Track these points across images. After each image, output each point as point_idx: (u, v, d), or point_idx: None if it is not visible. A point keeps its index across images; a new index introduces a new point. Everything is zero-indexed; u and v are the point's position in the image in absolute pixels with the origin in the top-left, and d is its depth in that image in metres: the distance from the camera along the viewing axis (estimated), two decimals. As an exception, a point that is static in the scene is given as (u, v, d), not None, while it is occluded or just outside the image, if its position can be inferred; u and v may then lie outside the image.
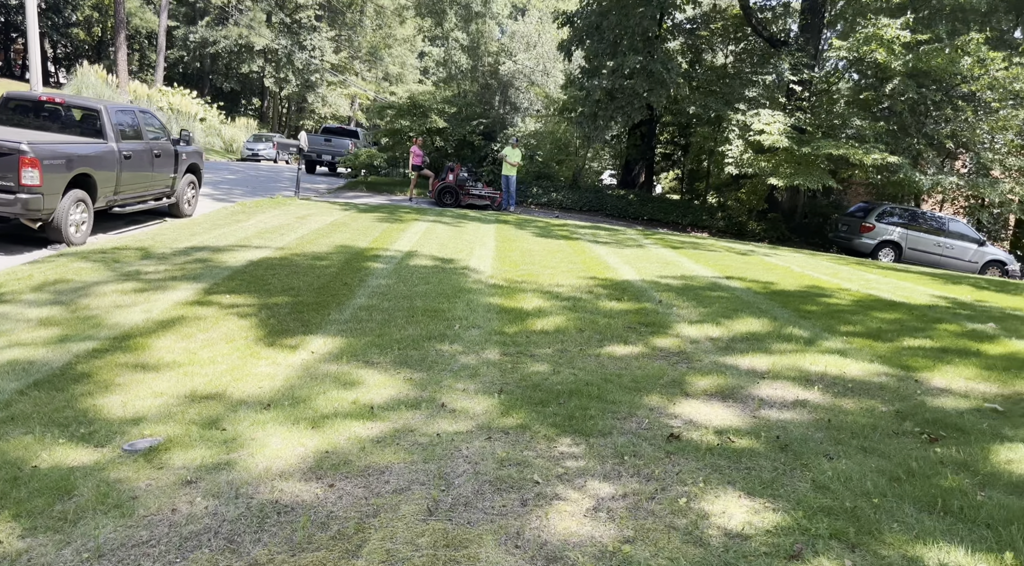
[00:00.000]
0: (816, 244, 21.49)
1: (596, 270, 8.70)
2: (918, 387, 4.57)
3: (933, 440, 3.64)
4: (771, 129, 17.98)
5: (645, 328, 5.81)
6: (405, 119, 20.36)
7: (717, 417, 3.88)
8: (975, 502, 2.92)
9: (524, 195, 21.65)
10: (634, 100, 17.69)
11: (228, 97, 53.94)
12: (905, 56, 18.24)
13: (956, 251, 18.81)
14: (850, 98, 20.52)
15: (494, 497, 2.85)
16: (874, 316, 6.78)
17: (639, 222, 21.39)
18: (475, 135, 20.95)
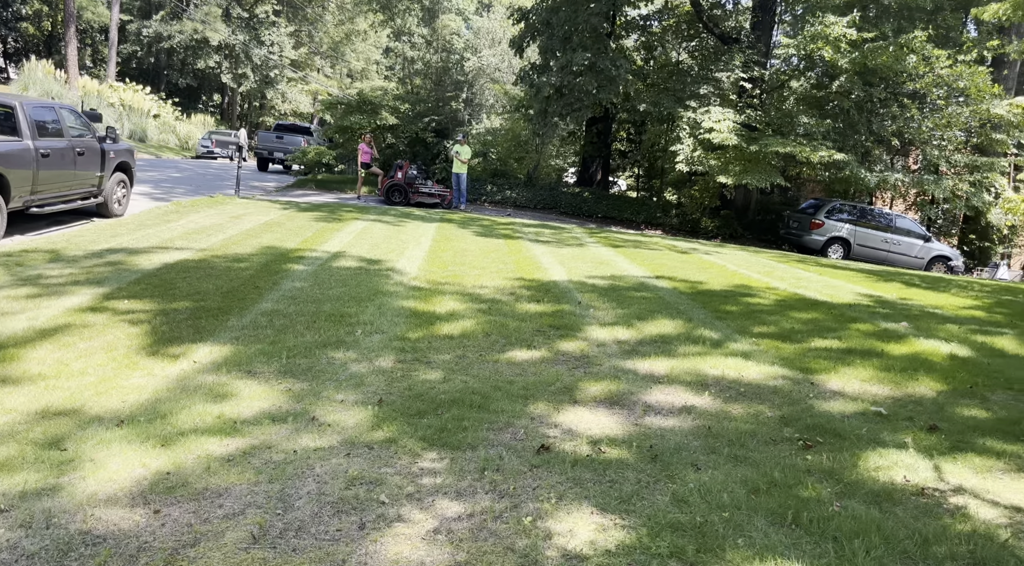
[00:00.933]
0: (768, 241, 21.71)
1: (526, 271, 8.59)
2: (812, 390, 4.55)
3: (808, 447, 3.59)
4: (720, 127, 18.07)
5: (555, 331, 5.71)
6: (355, 116, 20.04)
7: (598, 425, 3.79)
8: (828, 514, 2.86)
9: (478, 193, 21.50)
10: (583, 97, 17.63)
11: (185, 93, 52.78)
12: (851, 54, 18.48)
13: (903, 247, 19.14)
14: (800, 96, 20.75)
15: (332, 520, 2.71)
16: (791, 316, 6.79)
17: (593, 220, 21.38)
18: (427, 132, 20.73)
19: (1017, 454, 3.61)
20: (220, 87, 55.46)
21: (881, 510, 2.96)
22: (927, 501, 3.07)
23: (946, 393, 4.59)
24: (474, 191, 21.50)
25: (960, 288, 10.50)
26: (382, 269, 8.03)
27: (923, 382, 4.78)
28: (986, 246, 23.63)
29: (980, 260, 23.51)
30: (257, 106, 59.90)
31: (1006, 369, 5.21)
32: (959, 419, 4.10)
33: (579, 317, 6.25)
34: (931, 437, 3.78)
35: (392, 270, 8.01)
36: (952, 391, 4.63)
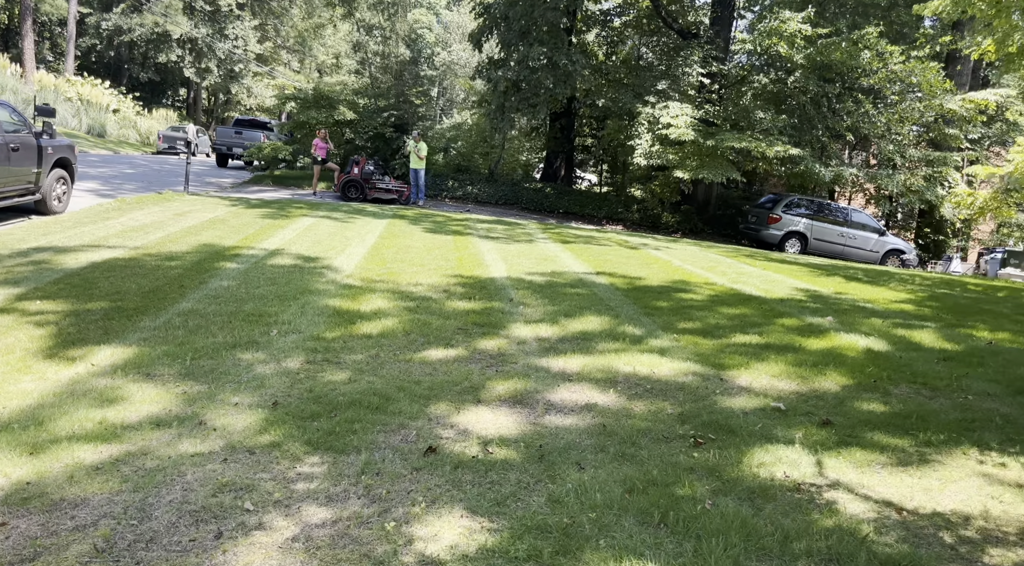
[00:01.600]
0: (729, 236, 21.90)
1: (467, 267, 8.54)
2: (719, 386, 4.57)
3: (698, 444, 3.60)
4: (678, 122, 18.17)
5: (478, 329, 5.68)
6: (312, 111, 19.79)
7: (495, 426, 3.76)
8: (697, 512, 2.87)
9: (439, 189, 21.38)
10: (540, 92, 17.59)
11: (148, 88, 51.76)
12: (806, 50, 18.68)
13: (859, 241, 19.41)
14: (758, 91, 20.94)
15: (188, 530, 2.65)
16: (719, 312, 6.83)
17: (555, 216, 21.39)
18: (387, 127, 20.54)
19: (902, 448, 3.66)
20: (185, 82, 54.46)
21: (753, 507, 2.97)
22: (801, 497, 3.09)
23: (850, 388, 4.64)
24: (435, 187, 21.38)
25: (900, 282, 10.68)
26: (317, 267, 7.92)
27: (831, 377, 4.83)
28: (940, 239, 24.09)
29: (935, 253, 23.98)
30: (223, 101, 58.91)
31: (916, 363, 5.29)
32: (855, 413, 4.15)
33: (507, 314, 6.22)
34: (822, 432, 3.82)
35: (328, 268, 7.91)
36: (857, 385, 4.69)
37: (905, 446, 3.69)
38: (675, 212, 22.04)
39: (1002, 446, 3.75)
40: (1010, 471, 3.44)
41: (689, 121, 18.30)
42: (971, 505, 3.07)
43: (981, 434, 3.90)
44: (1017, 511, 3.03)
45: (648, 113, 18.84)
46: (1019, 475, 3.39)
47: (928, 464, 3.48)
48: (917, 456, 3.56)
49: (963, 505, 3.07)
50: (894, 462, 3.48)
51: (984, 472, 3.41)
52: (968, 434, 3.88)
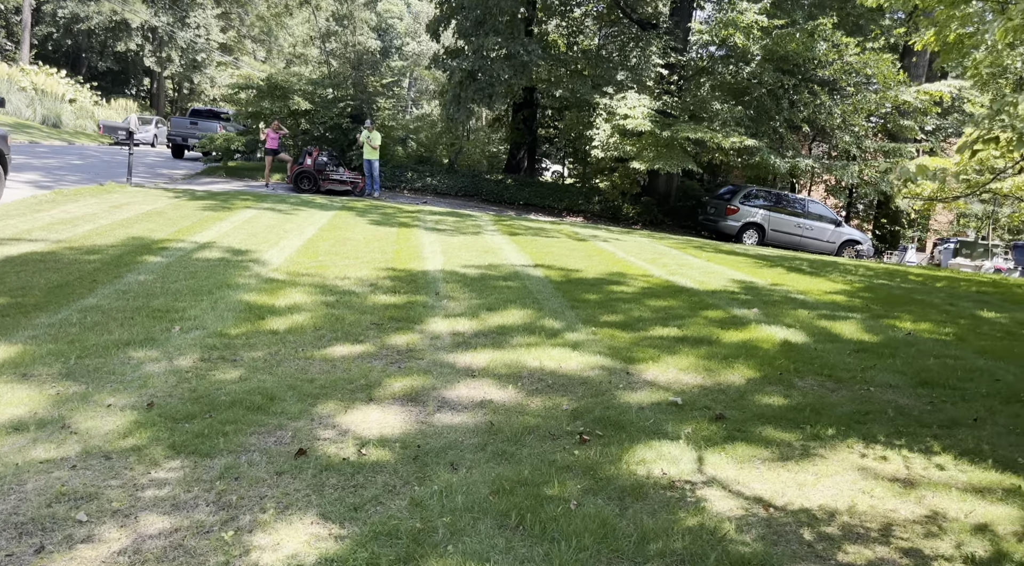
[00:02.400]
0: (688, 227, 21.97)
1: (403, 260, 8.40)
2: (624, 381, 4.50)
3: (584, 441, 3.52)
4: (635, 113, 18.13)
5: (394, 324, 5.55)
6: (265, 101, 19.40)
7: (380, 425, 3.64)
8: (559, 514, 2.78)
9: (397, 180, 21.14)
10: (495, 83, 17.43)
11: (109, 77, 50.50)
12: (763, 41, 18.74)
13: (815, 232, 19.58)
14: (716, 83, 20.97)
15: (8, 544, 2.49)
16: (647, 304, 6.78)
17: (515, 207, 21.27)
18: (343, 117, 20.21)
19: (788, 442, 3.62)
20: (148, 71, 53.23)
21: (620, 507, 2.90)
22: (673, 495, 3.03)
23: (756, 381, 4.61)
24: (393, 178, 21.14)
25: (843, 273, 10.75)
26: (245, 260, 7.72)
27: (738, 370, 4.79)
28: (897, 230, 24.44)
29: (891, 244, 24.34)
30: (187, 91, 57.71)
31: (828, 355, 5.28)
32: (752, 407, 4.10)
33: (429, 308, 6.10)
34: (712, 427, 3.76)
35: (256, 261, 7.72)
36: (763, 378, 4.66)
37: (792, 440, 3.65)
38: (635, 204, 22.04)
39: (888, 439, 3.73)
40: (889, 464, 3.41)
41: (646, 112, 18.27)
42: (840, 500, 3.03)
43: (871, 427, 3.88)
44: (884, 506, 3.00)
45: (606, 104, 18.78)
46: (897, 468, 3.37)
47: (809, 459, 3.44)
48: (801, 450, 3.53)
49: (833, 500, 3.03)
50: (776, 457, 3.44)
51: (863, 466, 3.38)
52: (858, 427, 3.86)
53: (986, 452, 3.59)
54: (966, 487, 3.20)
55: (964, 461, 3.48)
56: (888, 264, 14.80)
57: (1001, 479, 3.28)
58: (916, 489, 3.16)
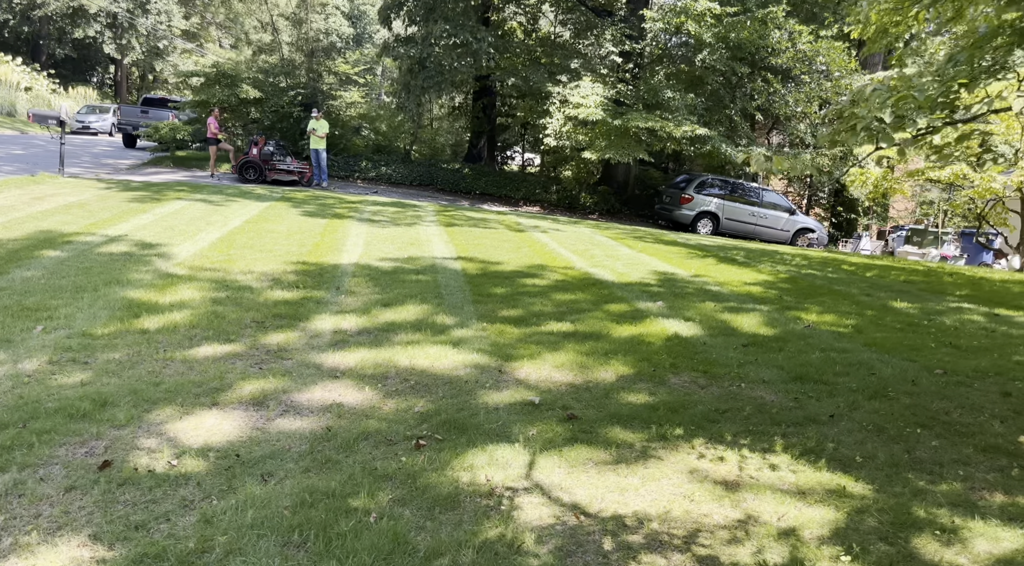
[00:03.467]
0: (646, 216, 21.94)
1: (319, 254, 8.21)
2: (492, 379, 4.39)
3: (419, 446, 3.41)
4: (587, 102, 17.99)
5: (277, 321, 5.39)
6: (213, 89, 18.96)
7: (210, 432, 3.49)
8: (351, 529, 2.66)
9: (351, 170, 20.82)
10: (445, 72, 17.18)
11: (70, 65, 49.27)
12: (715, 28, 18.66)
13: (769, 220, 19.64)
14: (671, 71, 20.89)
15: None
16: (554, 298, 6.68)
17: (470, 197, 21.08)
18: (294, 106, 19.84)
19: (630, 443, 3.54)
20: (111, 59, 51.96)
21: (425, 518, 2.79)
22: (488, 503, 2.93)
23: (628, 378, 4.53)
24: (347, 168, 20.82)
25: (777, 262, 10.75)
26: (151, 254, 7.49)
27: (615, 366, 4.71)
28: (852, 218, 24.63)
29: (847, 231, 24.54)
30: (150, 79, 56.49)
31: (714, 349, 5.22)
32: (612, 406, 4.02)
33: (322, 305, 5.95)
34: (559, 428, 3.67)
35: (162, 255, 7.49)
36: (636, 375, 4.57)
37: (636, 441, 3.57)
38: (593, 193, 21.95)
39: (735, 438, 3.66)
40: (724, 466, 3.34)
41: (599, 101, 18.14)
42: (658, 506, 2.95)
43: (723, 426, 3.81)
44: (700, 511, 2.92)
45: (558, 92, 18.61)
46: (730, 470, 3.30)
47: (645, 461, 3.35)
48: (640, 452, 3.44)
49: (650, 506, 2.95)
50: (611, 460, 3.35)
51: (696, 468, 3.30)
52: (709, 426, 3.79)
53: (828, 451, 3.54)
54: (790, 489, 3.13)
55: (801, 461, 3.42)
56: (829, 253, 14.86)
57: (829, 480, 3.23)
58: (739, 492, 3.09)
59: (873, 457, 3.49)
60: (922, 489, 3.19)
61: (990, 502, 3.10)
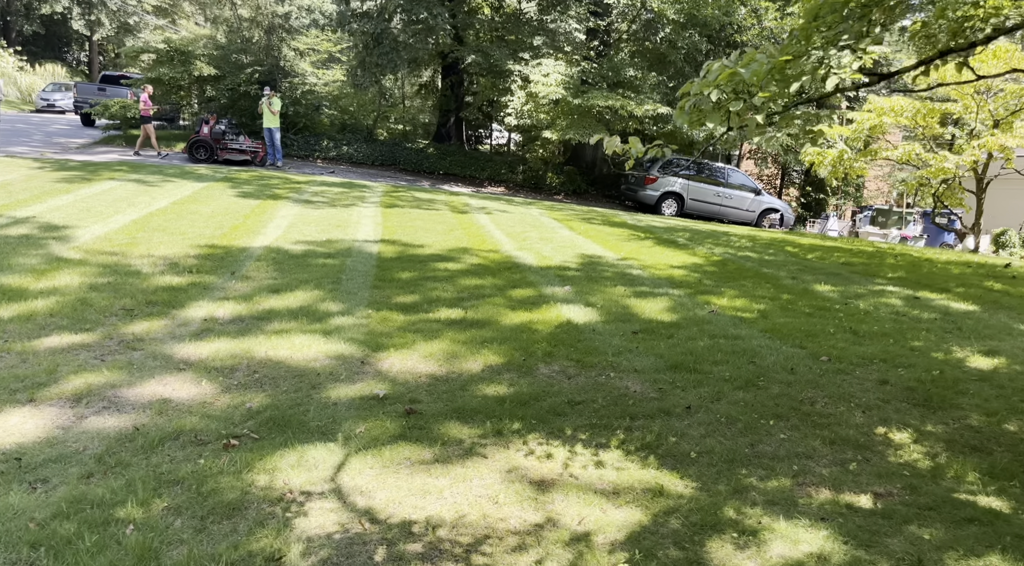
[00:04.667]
0: (612, 197, 21.70)
1: (234, 236, 7.94)
2: (349, 371, 4.19)
3: (228, 447, 3.21)
4: (548, 80, 17.67)
5: (149, 309, 5.16)
6: (165, 66, 18.48)
7: (9, 433, 3.27)
8: (97, 543, 2.46)
9: (311, 149, 20.42)
10: (400, 48, 16.78)
11: (40, 42, 48.22)
12: (678, 4, 18.32)
13: (735, 201, 19.45)
14: (636, 49, 20.54)
15: None
16: (459, 283, 6.47)
17: (433, 177, 20.76)
18: (251, 84, 19.37)
19: (461, 440, 3.35)
20: (82, 36, 50.78)
21: (193, 529, 2.59)
22: (273, 510, 2.74)
23: (495, 368, 4.34)
24: (307, 147, 20.42)
25: (718, 245, 10.57)
26: (50, 237, 7.20)
27: (486, 356, 4.52)
28: (821, 198, 24.53)
29: (816, 211, 24.44)
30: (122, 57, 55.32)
31: (601, 336, 5.03)
32: (463, 399, 3.83)
33: (207, 291, 5.71)
34: (391, 425, 3.48)
35: (63, 238, 7.21)
36: (505, 365, 4.39)
37: (468, 437, 3.38)
38: (560, 173, 21.67)
39: (575, 432, 3.48)
40: (549, 463, 3.16)
41: (560, 79, 17.81)
42: (458, 509, 2.77)
43: (569, 419, 3.63)
44: (499, 514, 2.75)
45: (519, 70, 18.26)
46: (552, 468, 3.12)
47: (468, 459, 3.17)
48: (466, 450, 3.26)
49: (448, 510, 2.77)
50: (431, 459, 3.17)
51: (518, 466, 3.13)
52: (554, 420, 3.61)
53: (666, 446, 3.37)
54: (606, 489, 2.96)
55: (633, 457, 3.25)
56: (784, 234, 14.70)
57: (652, 478, 3.06)
58: (550, 493, 2.92)
59: (711, 452, 3.32)
60: (747, 486, 3.03)
61: (813, 499, 2.94)
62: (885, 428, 3.71)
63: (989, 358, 4.93)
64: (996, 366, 4.76)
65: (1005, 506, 2.93)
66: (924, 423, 3.79)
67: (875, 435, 3.63)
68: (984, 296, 7.34)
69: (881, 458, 3.38)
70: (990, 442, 3.59)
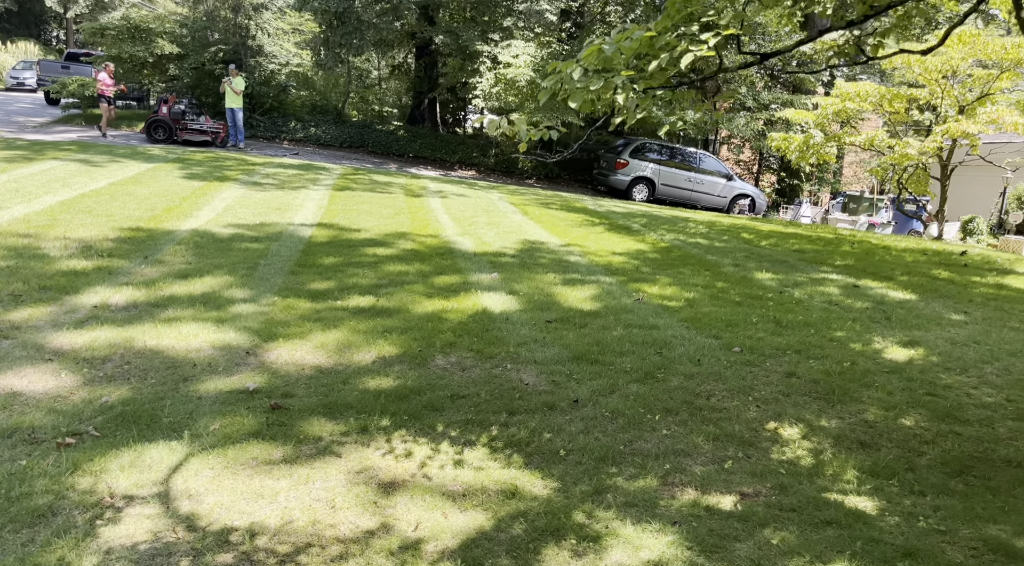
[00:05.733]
0: (584, 181, 21.46)
1: (164, 219, 7.66)
2: (229, 362, 3.99)
3: (63, 446, 3.00)
4: (517, 62, 17.35)
5: (40, 294, 4.90)
6: (126, 44, 17.99)
7: None
8: None
9: (278, 130, 20.02)
10: (364, 28, 16.40)
11: (14, 19, 47.20)
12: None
13: (706, 186, 19.26)
14: (608, 31, 20.19)
15: None
16: (384, 269, 6.25)
17: (403, 160, 20.43)
18: (215, 63, 18.90)
19: (320, 437, 3.17)
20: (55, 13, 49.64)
21: (-10, 533, 2.40)
22: (84, 517, 2.54)
23: (387, 359, 4.15)
24: (274, 128, 20.02)
25: (671, 231, 10.40)
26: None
27: (381, 346, 4.32)
28: (795, 184, 24.37)
29: (790, 198, 24.29)
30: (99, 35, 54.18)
31: (512, 326, 4.85)
32: (341, 393, 3.64)
33: (112, 275, 5.47)
34: (250, 421, 3.29)
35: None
36: (399, 356, 4.20)
37: (329, 435, 3.20)
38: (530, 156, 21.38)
39: (447, 428, 3.30)
40: (405, 463, 2.98)
41: (530, 61, 17.49)
42: (287, 514, 2.59)
43: (445, 414, 3.45)
44: (331, 520, 2.57)
45: (488, 51, 17.92)
46: (407, 468, 2.94)
47: (318, 459, 2.99)
48: (322, 449, 3.07)
49: (278, 515, 2.58)
50: (280, 459, 2.98)
51: (370, 467, 2.95)
52: (428, 415, 3.43)
53: (538, 443, 3.20)
54: (457, 490, 2.79)
55: (498, 455, 3.08)
56: (748, 220, 14.55)
57: (511, 478, 2.89)
58: (395, 495, 2.74)
59: (584, 449, 3.16)
60: (611, 487, 2.86)
61: (675, 501, 2.78)
62: (777, 423, 3.56)
63: (907, 349, 4.79)
64: (911, 357, 4.62)
65: (873, 507, 2.78)
66: (819, 417, 3.64)
67: (764, 431, 3.48)
68: (927, 285, 7.21)
69: (763, 455, 3.23)
70: (881, 438, 3.44)
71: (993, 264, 9.52)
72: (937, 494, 2.92)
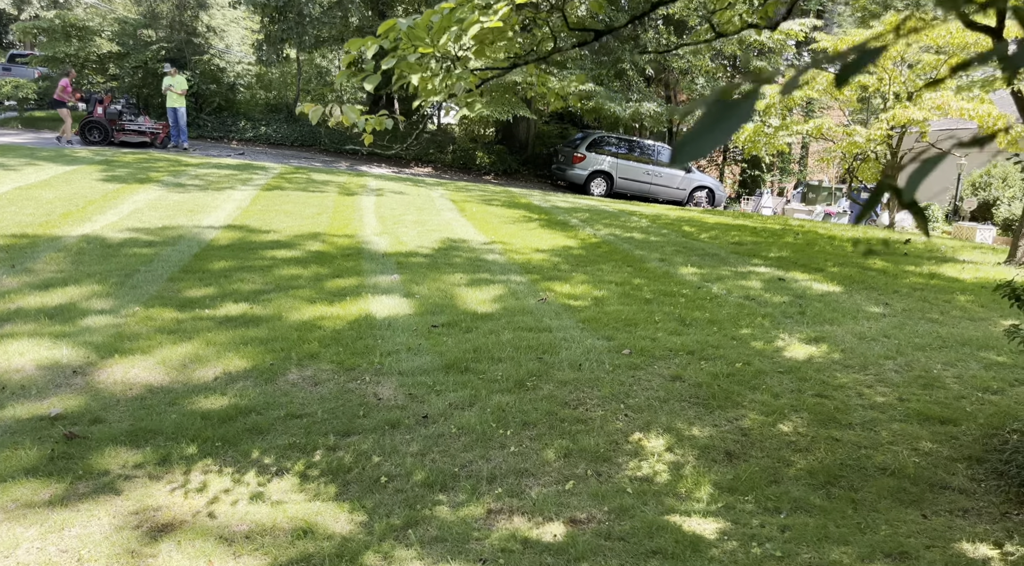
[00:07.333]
0: (543, 177, 21.13)
1: (58, 224, 7.18)
2: (49, 384, 3.58)
3: None
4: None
5: None
6: (61, 43, 17.35)
7: None
8: None
9: (227, 130, 19.47)
10: (306, 23, 15.92)
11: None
12: (601, -23, 17.70)
13: (665, 179, 19.00)
14: (556, 24, 19.87)
15: None
16: (277, 273, 5.85)
17: (355, 158, 19.96)
18: (157, 62, 18.30)
19: (109, 471, 2.78)
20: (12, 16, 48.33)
21: None
22: None
23: (232, 375, 3.76)
24: (222, 128, 19.46)
25: (609, 226, 10.08)
26: None
27: (230, 360, 3.94)
28: (757, 175, 24.23)
29: (751, 189, 24.14)
30: (56, 35, 52.91)
31: (389, 333, 4.48)
32: (163, 416, 3.25)
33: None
34: (30, 453, 2.89)
35: None
36: (248, 371, 3.81)
37: (120, 467, 2.81)
38: (490, 152, 21.01)
39: (262, 455, 2.93)
40: (193, 500, 2.61)
41: (478, 53, 17.10)
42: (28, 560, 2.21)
43: (266, 438, 3.08)
44: None
45: (438, 45, 17.51)
46: (193, 506, 2.57)
47: (91, 498, 2.60)
48: (103, 485, 2.69)
49: None
50: (46, 500, 2.59)
51: (149, 506, 2.57)
52: (246, 439, 3.06)
53: (360, 470, 2.84)
54: (242, 531, 2.42)
55: (309, 485, 2.72)
56: (698, 213, 14.30)
57: (313, 513, 2.53)
58: (165, 541, 2.37)
59: (410, 475, 2.81)
60: (426, 518, 2.52)
61: (493, 533, 2.44)
62: (643, 434, 3.23)
63: (811, 346, 4.50)
64: (811, 355, 4.32)
65: (714, 530, 2.46)
66: (692, 426, 3.32)
67: (626, 443, 3.14)
68: (856, 275, 6.95)
69: (615, 472, 2.90)
70: (752, 447, 3.13)
71: (935, 252, 9.32)
72: (793, 511, 2.60)
